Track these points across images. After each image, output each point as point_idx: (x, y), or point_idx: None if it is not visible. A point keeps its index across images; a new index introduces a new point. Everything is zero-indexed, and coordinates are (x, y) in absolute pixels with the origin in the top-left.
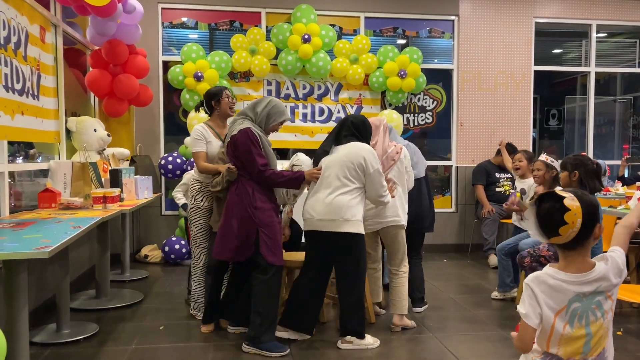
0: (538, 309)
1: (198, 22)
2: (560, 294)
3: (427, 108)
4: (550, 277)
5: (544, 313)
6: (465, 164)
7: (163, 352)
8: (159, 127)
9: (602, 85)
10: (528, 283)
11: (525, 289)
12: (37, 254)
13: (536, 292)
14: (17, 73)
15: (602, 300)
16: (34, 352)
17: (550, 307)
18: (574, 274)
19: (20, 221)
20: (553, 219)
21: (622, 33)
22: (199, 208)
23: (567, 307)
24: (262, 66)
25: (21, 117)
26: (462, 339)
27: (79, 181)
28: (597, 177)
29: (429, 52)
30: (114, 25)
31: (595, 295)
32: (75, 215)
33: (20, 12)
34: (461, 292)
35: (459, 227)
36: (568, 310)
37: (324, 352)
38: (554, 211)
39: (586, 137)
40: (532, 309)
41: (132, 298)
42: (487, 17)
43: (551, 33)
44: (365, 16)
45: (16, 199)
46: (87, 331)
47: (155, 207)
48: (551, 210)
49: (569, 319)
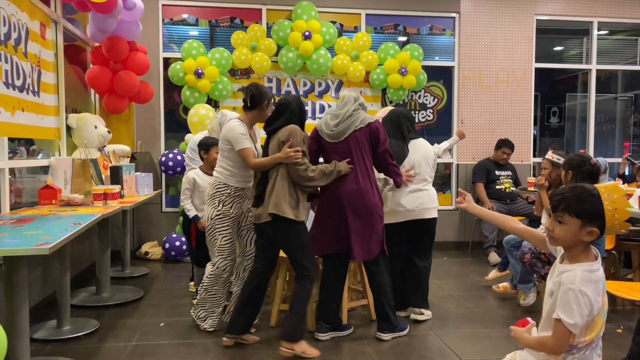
0: (589, 315)
1: (198, 19)
2: (599, 283)
3: (428, 105)
4: (591, 272)
5: (594, 310)
6: (465, 161)
7: (163, 349)
8: (160, 124)
9: (603, 83)
10: (579, 288)
11: (574, 296)
12: (37, 250)
13: (589, 294)
14: (17, 69)
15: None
16: (34, 348)
17: (598, 301)
18: (596, 261)
19: (20, 218)
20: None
21: (623, 30)
22: (228, 216)
23: (604, 295)
24: (262, 63)
25: (21, 114)
26: (462, 336)
27: (80, 178)
28: (590, 177)
29: (430, 49)
30: (114, 22)
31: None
32: (76, 211)
33: (21, 9)
34: (461, 289)
35: (459, 224)
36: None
37: (324, 347)
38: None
39: (587, 135)
40: (582, 317)
41: (132, 295)
42: (488, 15)
43: (552, 30)
44: (366, 13)
45: (17, 196)
46: (88, 327)
47: (155, 203)
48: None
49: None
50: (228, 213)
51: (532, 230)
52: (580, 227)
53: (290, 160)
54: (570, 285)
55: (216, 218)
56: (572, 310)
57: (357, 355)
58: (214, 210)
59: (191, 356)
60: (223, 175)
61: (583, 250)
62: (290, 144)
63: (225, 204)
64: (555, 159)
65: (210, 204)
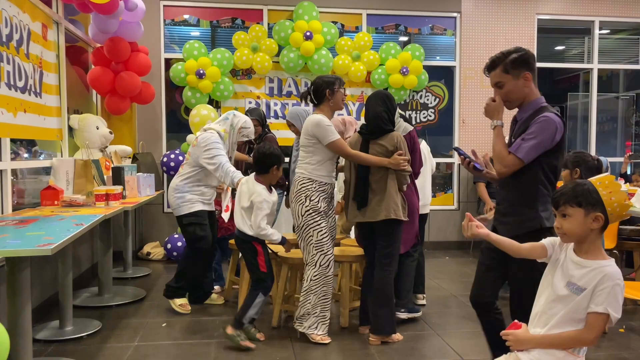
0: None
1: (200, 20)
2: None
3: (429, 105)
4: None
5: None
6: None
7: (165, 349)
8: (161, 124)
9: (605, 82)
10: (620, 282)
11: (620, 290)
12: (40, 251)
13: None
14: (19, 71)
15: None
16: (37, 348)
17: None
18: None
19: (23, 218)
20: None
21: (625, 30)
22: (317, 210)
23: None
24: (264, 63)
25: (23, 115)
26: (463, 336)
27: (82, 178)
28: (598, 172)
29: (431, 49)
30: (115, 23)
31: None
32: (78, 212)
33: (22, 10)
34: (463, 289)
35: (460, 224)
36: None
37: (325, 347)
38: None
39: (589, 134)
40: (620, 307)
41: (134, 295)
42: (489, 14)
43: (554, 30)
44: (367, 13)
45: (19, 197)
46: (90, 328)
47: (157, 204)
48: None
49: None
50: (316, 207)
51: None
52: (585, 216)
53: (399, 167)
54: (617, 280)
55: (306, 214)
56: (619, 304)
57: (359, 354)
58: (301, 206)
59: (193, 356)
60: (307, 170)
61: (596, 242)
62: (401, 152)
63: (312, 199)
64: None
65: (297, 201)
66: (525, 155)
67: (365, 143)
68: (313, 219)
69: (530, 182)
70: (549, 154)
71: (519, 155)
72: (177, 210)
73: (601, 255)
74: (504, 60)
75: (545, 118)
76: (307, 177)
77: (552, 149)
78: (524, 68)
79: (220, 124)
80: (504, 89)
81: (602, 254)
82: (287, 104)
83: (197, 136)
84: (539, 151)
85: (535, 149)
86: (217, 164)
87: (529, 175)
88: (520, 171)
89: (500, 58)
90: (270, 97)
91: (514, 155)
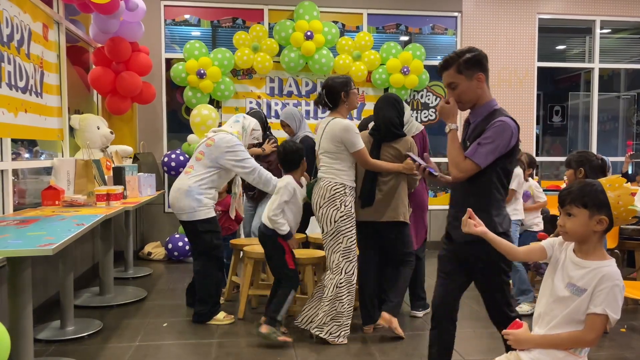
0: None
1: (200, 20)
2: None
3: (430, 105)
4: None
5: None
6: None
7: (167, 349)
8: (162, 124)
9: (606, 82)
10: (620, 285)
11: (619, 291)
12: (41, 251)
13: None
14: (20, 71)
15: None
16: (38, 349)
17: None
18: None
19: (24, 218)
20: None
21: (626, 29)
22: (350, 216)
23: None
24: (264, 63)
25: (24, 115)
26: (465, 335)
27: (82, 179)
28: (602, 172)
29: (432, 48)
30: (116, 23)
31: None
32: (79, 212)
33: (23, 10)
34: None
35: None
36: None
37: (326, 347)
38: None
39: (590, 134)
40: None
41: (135, 295)
42: (490, 14)
43: (555, 29)
44: (368, 13)
45: (20, 197)
46: (91, 328)
47: (158, 204)
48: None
49: None
50: (350, 213)
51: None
52: (589, 218)
53: (412, 172)
54: (617, 281)
55: (340, 220)
56: (618, 305)
57: (361, 353)
58: (336, 212)
59: (194, 356)
60: (338, 176)
61: (597, 244)
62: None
63: (346, 204)
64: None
65: (332, 206)
66: (482, 161)
67: (377, 145)
68: (345, 225)
69: (484, 187)
70: (503, 158)
71: (476, 160)
72: (192, 215)
73: (601, 256)
74: (457, 60)
75: (502, 122)
76: (339, 182)
77: (506, 154)
78: (478, 69)
79: (232, 127)
80: (457, 90)
81: (603, 255)
82: (288, 103)
83: (211, 136)
84: (495, 156)
85: (492, 154)
86: (251, 168)
87: (484, 180)
88: (474, 176)
89: (454, 58)
90: (271, 97)
91: (471, 160)
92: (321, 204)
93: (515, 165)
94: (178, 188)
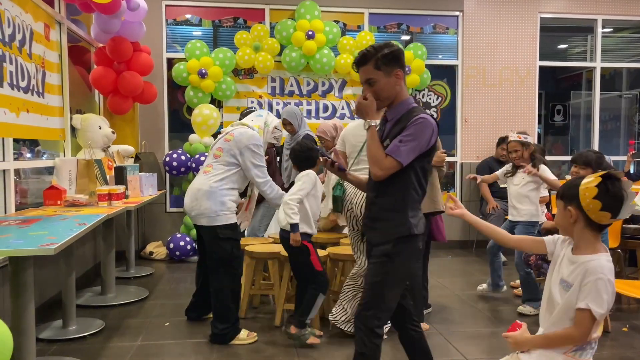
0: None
1: (202, 19)
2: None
3: (432, 104)
4: (610, 262)
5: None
6: (469, 160)
7: (168, 348)
8: (164, 124)
9: (608, 81)
10: (608, 277)
11: (604, 285)
12: (43, 250)
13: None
14: (22, 71)
15: None
16: (40, 348)
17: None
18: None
19: (26, 218)
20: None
21: (628, 28)
22: None
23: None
24: (266, 63)
25: (26, 115)
26: (466, 335)
27: (84, 178)
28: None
29: (433, 48)
30: (118, 23)
31: None
32: (81, 212)
33: (25, 10)
34: (466, 288)
35: (463, 223)
36: None
37: (327, 346)
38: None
39: (591, 133)
40: (608, 306)
41: (137, 294)
42: (492, 13)
43: (556, 28)
44: (369, 12)
45: (22, 196)
46: (93, 327)
47: (160, 204)
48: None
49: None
50: None
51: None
52: (563, 209)
53: (441, 164)
54: (600, 274)
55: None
56: (602, 299)
57: None
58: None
59: (196, 355)
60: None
61: (591, 240)
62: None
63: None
64: (523, 138)
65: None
66: (404, 158)
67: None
68: None
69: (402, 186)
70: (422, 157)
71: (398, 157)
72: (213, 219)
73: (593, 251)
74: (375, 55)
75: (423, 120)
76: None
77: (425, 152)
78: (396, 65)
79: (254, 120)
80: (375, 87)
81: (594, 250)
82: (289, 103)
83: (230, 130)
84: (416, 154)
85: (414, 152)
86: (267, 177)
87: (402, 178)
88: (393, 175)
89: (372, 52)
90: (273, 96)
91: (393, 157)
92: (354, 202)
93: (431, 165)
94: (198, 189)
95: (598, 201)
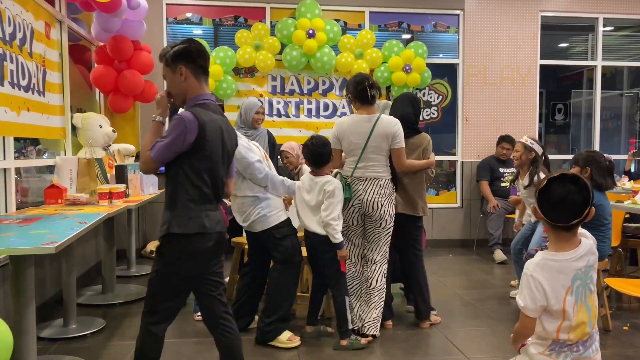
0: (541, 300)
1: (202, 18)
2: (563, 275)
3: (432, 103)
4: (551, 260)
5: (551, 299)
6: (470, 159)
7: (169, 347)
8: (164, 123)
9: (609, 80)
10: (531, 273)
11: (525, 280)
12: (43, 249)
13: (540, 280)
14: (22, 69)
15: (593, 274)
16: (41, 347)
17: (557, 291)
18: (569, 251)
19: (26, 217)
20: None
21: (629, 27)
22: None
23: (571, 287)
24: (266, 61)
25: (27, 113)
26: (467, 334)
27: (85, 177)
28: (609, 174)
29: (434, 46)
30: (118, 21)
31: (589, 270)
32: (81, 211)
33: (25, 9)
34: (467, 287)
35: (464, 222)
36: (573, 290)
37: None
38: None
39: (593, 132)
40: (532, 300)
41: (138, 293)
42: (493, 11)
43: (557, 27)
44: (370, 11)
45: (22, 195)
46: (94, 326)
47: (160, 202)
48: (574, 192)
49: (575, 299)
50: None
51: None
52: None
53: (434, 166)
54: (526, 270)
55: (394, 216)
56: (523, 294)
57: (363, 352)
58: (393, 207)
59: (197, 354)
60: (388, 173)
61: (551, 242)
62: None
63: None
64: (529, 142)
65: (391, 202)
66: (157, 155)
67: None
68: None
69: (174, 184)
70: (188, 155)
71: (152, 153)
72: (264, 223)
73: (552, 248)
74: (167, 52)
75: (178, 117)
76: (388, 178)
77: (190, 151)
78: (181, 62)
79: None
80: (167, 83)
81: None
82: (290, 102)
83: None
84: (172, 151)
85: (167, 149)
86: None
87: (172, 177)
88: (167, 173)
89: (165, 50)
90: (273, 95)
91: (149, 152)
92: (383, 202)
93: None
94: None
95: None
